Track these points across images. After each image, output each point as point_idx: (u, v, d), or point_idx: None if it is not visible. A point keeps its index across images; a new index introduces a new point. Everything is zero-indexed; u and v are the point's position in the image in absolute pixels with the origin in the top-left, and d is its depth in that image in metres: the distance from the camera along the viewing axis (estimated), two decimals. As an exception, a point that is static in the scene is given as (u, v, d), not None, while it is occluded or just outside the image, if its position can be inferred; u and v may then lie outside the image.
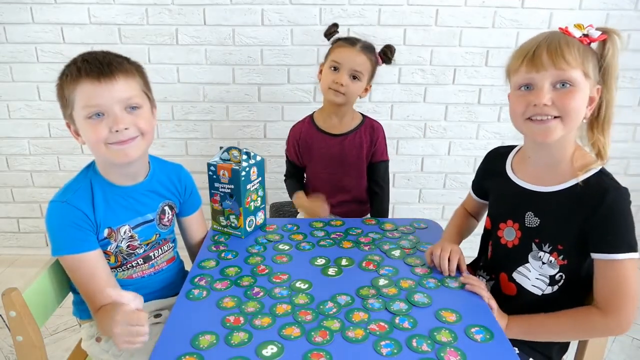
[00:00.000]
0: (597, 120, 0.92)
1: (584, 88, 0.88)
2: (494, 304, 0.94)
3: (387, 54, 1.51)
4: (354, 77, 1.43)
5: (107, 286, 0.98)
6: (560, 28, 0.90)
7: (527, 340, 0.98)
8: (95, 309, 0.98)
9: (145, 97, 1.02)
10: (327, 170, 1.55)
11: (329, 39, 1.52)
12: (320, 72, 1.51)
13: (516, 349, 0.99)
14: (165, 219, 1.15)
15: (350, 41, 1.45)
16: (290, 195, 1.63)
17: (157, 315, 1.13)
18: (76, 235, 0.98)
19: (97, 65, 0.94)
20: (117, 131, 0.95)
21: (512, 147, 1.11)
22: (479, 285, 0.96)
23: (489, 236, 1.12)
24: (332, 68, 1.43)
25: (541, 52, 0.87)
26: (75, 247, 0.98)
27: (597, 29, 0.89)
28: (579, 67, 0.86)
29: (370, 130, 1.53)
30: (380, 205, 1.56)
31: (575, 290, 0.97)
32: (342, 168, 1.54)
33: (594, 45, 0.90)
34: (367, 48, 1.46)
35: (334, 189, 1.57)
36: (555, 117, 0.89)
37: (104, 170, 1.05)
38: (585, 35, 0.88)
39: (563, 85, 0.87)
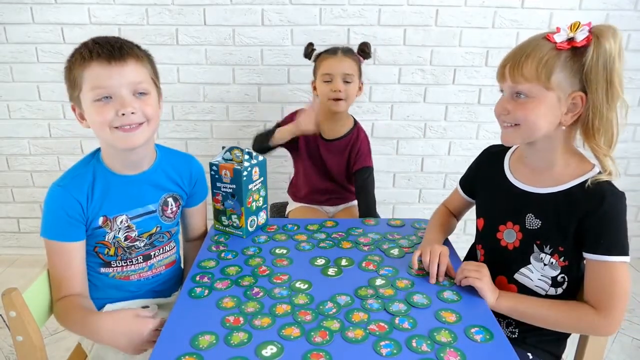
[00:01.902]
0: (586, 127, 0.90)
1: (545, 100, 0.88)
2: (484, 281, 0.94)
3: (364, 51, 1.60)
4: (347, 81, 1.51)
5: (78, 278, 1.02)
6: (558, 27, 0.89)
7: (517, 320, 0.99)
8: (59, 296, 1.00)
9: (153, 85, 1.02)
10: (310, 165, 1.65)
11: (310, 59, 1.61)
12: (314, 88, 1.59)
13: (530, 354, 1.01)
14: (169, 211, 1.14)
15: (332, 51, 1.55)
16: (267, 136, 1.57)
17: (145, 306, 1.14)
18: (64, 223, 0.99)
19: (109, 48, 0.94)
20: (123, 114, 0.95)
21: (508, 147, 1.11)
22: (477, 275, 0.95)
23: (479, 238, 1.12)
24: (326, 81, 1.52)
25: (506, 65, 0.92)
26: (60, 234, 0.99)
27: (591, 29, 0.86)
28: (536, 80, 0.87)
29: (355, 140, 1.61)
30: (363, 210, 1.58)
31: (580, 293, 0.97)
32: (323, 169, 1.64)
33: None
34: (348, 51, 1.56)
35: (318, 182, 1.67)
36: (514, 125, 0.93)
37: (108, 157, 1.05)
38: (571, 40, 0.86)
39: (519, 95, 0.91)
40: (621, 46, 0.86)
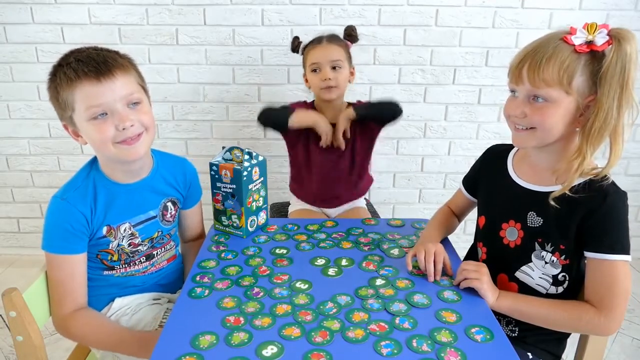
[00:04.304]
0: (585, 129, 0.88)
1: (563, 104, 0.87)
2: (483, 280, 0.94)
3: (350, 35, 1.59)
4: (335, 67, 1.50)
5: (82, 290, 1.02)
6: (572, 28, 0.87)
7: (516, 319, 0.99)
8: (63, 310, 1.00)
9: (142, 90, 1.02)
10: (323, 160, 1.59)
11: (297, 52, 1.61)
12: (306, 80, 1.59)
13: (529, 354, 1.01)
14: (168, 215, 1.15)
15: (316, 40, 1.54)
16: (283, 116, 1.52)
17: (157, 299, 1.15)
18: (67, 237, 0.98)
19: (94, 65, 0.93)
20: (123, 129, 0.95)
21: (512, 146, 1.11)
22: (476, 275, 0.95)
23: (481, 236, 1.11)
24: (313, 71, 1.52)
25: (523, 66, 0.89)
26: (63, 248, 0.99)
27: (610, 31, 0.84)
28: (557, 85, 0.86)
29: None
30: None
31: (581, 292, 0.97)
32: (335, 157, 1.58)
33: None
34: (332, 38, 1.54)
35: (325, 182, 1.62)
36: (529, 128, 0.92)
37: (107, 168, 1.05)
38: (589, 43, 0.85)
39: (537, 99, 0.89)
40: (637, 51, 0.84)
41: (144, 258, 1.12)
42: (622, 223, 0.90)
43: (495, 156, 1.12)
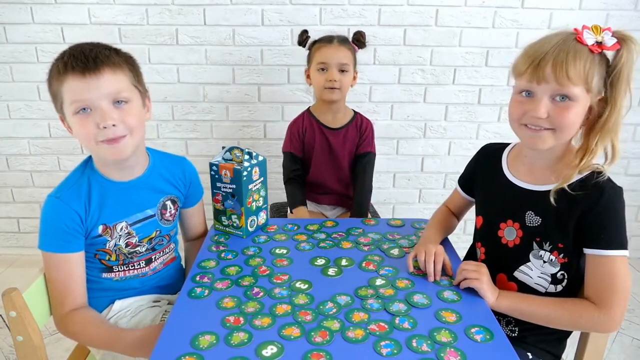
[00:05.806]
0: (595, 126, 0.90)
1: (583, 102, 0.88)
2: (483, 280, 0.94)
3: (359, 40, 1.59)
4: (342, 71, 1.51)
5: (81, 289, 1.02)
6: (576, 29, 0.88)
7: (516, 318, 0.98)
8: (63, 310, 1.00)
9: (135, 91, 1.00)
10: (326, 162, 1.61)
11: (304, 46, 1.60)
12: (308, 76, 1.59)
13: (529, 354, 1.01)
14: (168, 214, 1.14)
15: (327, 39, 1.53)
16: (291, 205, 1.63)
17: (156, 301, 1.15)
18: (62, 235, 0.98)
19: (82, 60, 0.92)
20: (104, 127, 0.93)
21: (505, 145, 1.11)
22: (476, 275, 0.95)
23: (479, 236, 1.11)
24: (321, 69, 1.52)
25: (546, 64, 0.87)
26: (59, 246, 0.98)
27: (614, 33, 0.86)
28: (581, 83, 0.86)
29: (360, 125, 1.61)
30: (358, 199, 1.59)
31: (580, 290, 0.97)
32: (336, 160, 1.62)
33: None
34: (344, 40, 1.55)
35: (328, 174, 1.64)
36: (548, 128, 0.91)
37: (101, 165, 1.04)
38: (599, 43, 0.86)
39: (562, 98, 0.88)
40: (638, 51, 0.87)
41: (144, 262, 1.12)
42: (619, 219, 0.90)
43: (489, 155, 1.12)
